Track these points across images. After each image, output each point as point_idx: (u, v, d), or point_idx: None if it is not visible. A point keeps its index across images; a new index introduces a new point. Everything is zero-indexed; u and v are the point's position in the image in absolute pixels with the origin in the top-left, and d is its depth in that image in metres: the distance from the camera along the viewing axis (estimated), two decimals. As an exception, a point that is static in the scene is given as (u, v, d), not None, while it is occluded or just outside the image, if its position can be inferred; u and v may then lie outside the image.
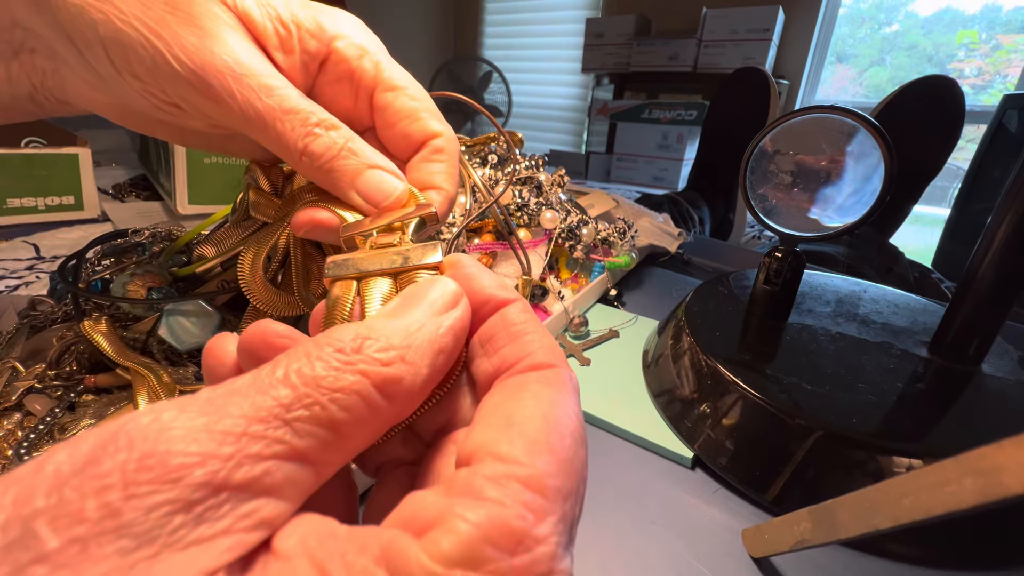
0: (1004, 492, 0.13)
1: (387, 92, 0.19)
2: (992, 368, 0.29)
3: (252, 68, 0.16)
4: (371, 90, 0.19)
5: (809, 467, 0.24)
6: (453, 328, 0.12)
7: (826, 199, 0.32)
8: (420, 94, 0.19)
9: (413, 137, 0.19)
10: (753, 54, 1.79)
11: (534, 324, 0.13)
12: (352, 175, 0.17)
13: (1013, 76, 1.70)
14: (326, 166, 0.17)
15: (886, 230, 0.92)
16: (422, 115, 0.19)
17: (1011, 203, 0.26)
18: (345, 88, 0.19)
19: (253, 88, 0.16)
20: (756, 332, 0.33)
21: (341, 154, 0.17)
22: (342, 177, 0.17)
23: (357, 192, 0.17)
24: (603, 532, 0.23)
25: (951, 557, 0.23)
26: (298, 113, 0.16)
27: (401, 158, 0.19)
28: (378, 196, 0.17)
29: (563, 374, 0.12)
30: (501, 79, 2.59)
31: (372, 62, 0.19)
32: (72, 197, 0.57)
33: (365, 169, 0.17)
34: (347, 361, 0.10)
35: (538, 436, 0.10)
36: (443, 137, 0.19)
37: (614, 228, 0.46)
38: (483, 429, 0.10)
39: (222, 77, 0.15)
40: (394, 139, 0.19)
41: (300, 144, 0.16)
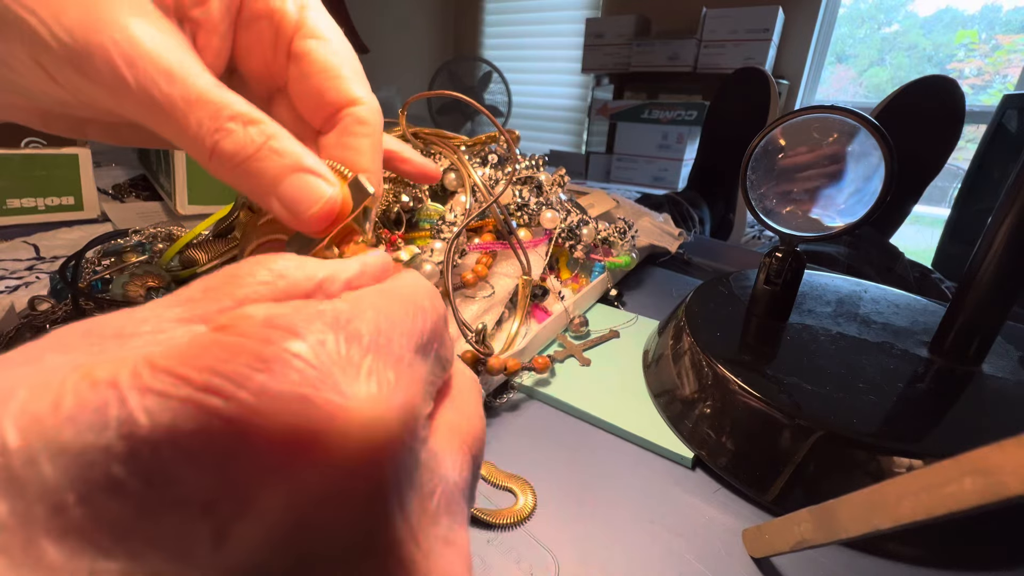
0: (1005, 492, 0.13)
1: (308, 39, 0.16)
2: (992, 368, 0.29)
3: (150, 48, 0.13)
4: (291, 36, 0.16)
5: (809, 467, 0.24)
6: None
7: (826, 199, 0.32)
8: (346, 51, 0.17)
9: (327, 97, 0.16)
10: (753, 54, 1.79)
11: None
12: (273, 179, 0.14)
13: (1013, 76, 1.70)
14: (240, 168, 0.14)
15: (886, 230, 0.92)
16: (343, 72, 0.16)
17: (1011, 203, 0.26)
18: (263, 31, 0.16)
19: (151, 73, 0.13)
20: (756, 332, 0.33)
21: (259, 154, 0.14)
22: (260, 182, 0.14)
23: (278, 200, 0.14)
24: (603, 532, 0.23)
25: (951, 557, 0.23)
26: (208, 104, 0.14)
27: (312, 123, 0.17)
28: (302, 205, 0.14)
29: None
30: (501, 79, 2.59)
31: (297, 4, 0.16)
32: (72, 197, 0.57)
33: (289, 173, 0.14)
34: None
35: None
36: (365, 106, 0.17)
37: (614, 228, 0.46)
38: None
39: (110, 58, 0.13)
40: (306, 96, 0.17)
41: (208, 142, 0.14)
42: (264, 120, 0.15)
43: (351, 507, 0.08)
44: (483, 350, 0.30)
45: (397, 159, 0.26)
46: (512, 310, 0.36)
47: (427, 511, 0.10)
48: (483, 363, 0.30)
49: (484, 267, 0.36)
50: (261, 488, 0.08)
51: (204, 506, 0.07)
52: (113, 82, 0.13)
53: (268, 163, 0.14)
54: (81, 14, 0.13)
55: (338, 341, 0.09)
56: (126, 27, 0.13)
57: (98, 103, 0.14)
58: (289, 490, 0.08)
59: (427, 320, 0.11)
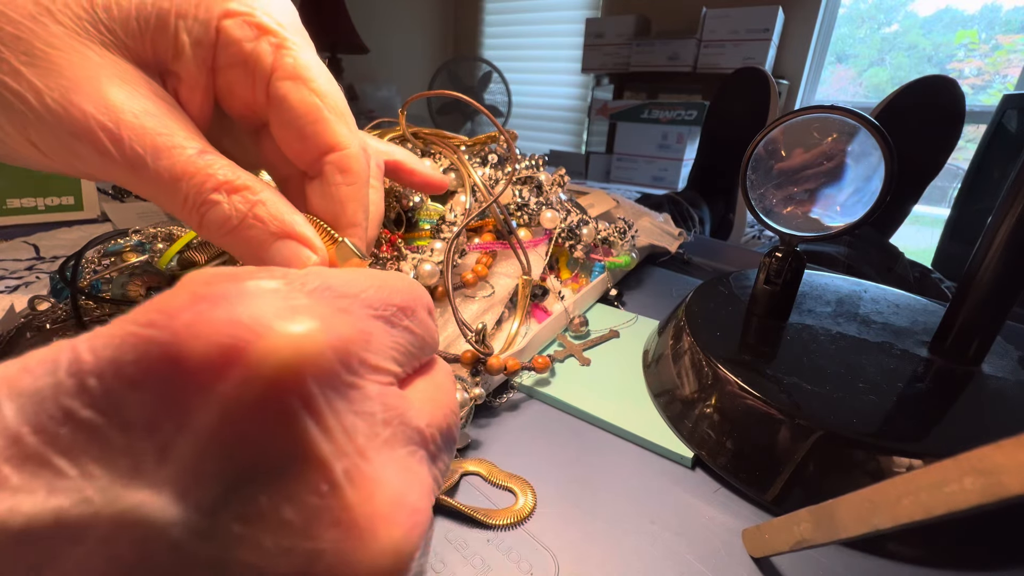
0: (1004, 492, 0.13)
1: (284, 81, 0.16)
2: (992, 368, 0.29)
3: (132, 121, 0.13)
4: (267, 79, 0.16)
5: (809, 467, 0.24)
6: None
7: (826, 199, 0.32)
8: (329, 89, 0.16)
9: (309, 142, 0.16)
10: (753, 54, 1.79)
11: None
12: (259, 246, 0.15)
13: (1013, 76, 1.70)
14: (228, 236, 0.15)
15: (886, 230, 0.92)
16: (323, 115, 0.16)
17: (1011, 203, 0.26)
18: (239, 76, 0.16)
19: (138, 149, 0.13)
20: (756, 332, 0.33)
21: (245, 223, 0.15)
22: (248, 249, 0.15)
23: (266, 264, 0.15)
24: (603, 531, 0.23)
25: (951, 557, 0.23)
26: (194, 176, 0.14)
27: (298, 165, 0.17)
28: None
29: None
30: (501, 79, 2.59)
31: (272, 44, 0.15)
32: (72, 197, 0.57)
33: (273, 240, 0.15)
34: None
35: None
36: (346, 152, 0.16)
37: (614, 228, 0.46)
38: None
39: (97, 139, 0.13)
40: (287, 140, 0.16)
41: (195, 216, 0.14)
42: (249, 185, 0.15)
43: (275, 418, 0.09)
44: (483, 350, 0.30)
45: (403, 170, 0.26)
46: (512, 310, 0.36)
47: (378, 435, 0.11)
48: (483, 363, 0.30)
49: (484, 267, 0.36)
50: (195, 405, 0.09)
51: (146, 425, 0.09)
52: (100, 158, 0.14)
53: (254, 232, 0.15)
54: (63, 90, 0.13)
55: (280, 285, 0.10)
56: (108, 101, 0.13)
57: (88, 174, 0.15)
58: (220, 405, 0.09)
59: (394, 295, 0.13)
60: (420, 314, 0.13)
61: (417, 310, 0.13)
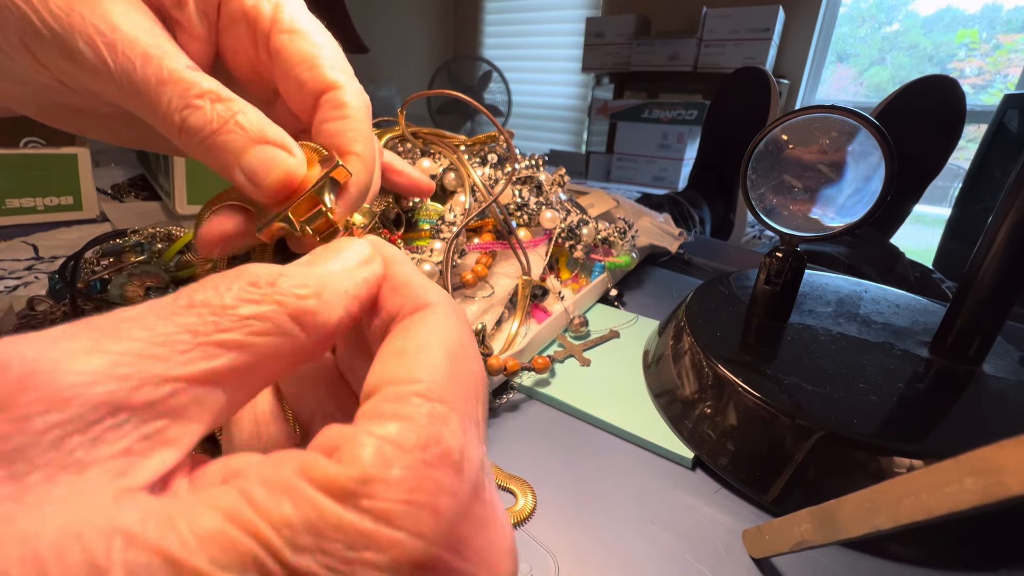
0: (1005, 492, 0.13)
1: (282, 34, 0.16)
2: (993, 368, 0.29)
3: (128, 32, 0.14)
4: (267, 34, 0.17)
5: (810, 468, 0.24)
6: (368, 279, 0.12)
7: (827, 199, 0.31)
8: (323, 40, 0.17)
9: (307, 87, 0.16)
10: (753, 54, 1.79)
11: (415, 274, 0.13)
12: (237, 152, 0.15)
13: (1014, 76, 1.70)
14: (206, 142, 0.15)
15: (887, 230, 0.92)
16: (320, 61, 0.16)
17: (1012, 203, 0.26)
18: (242, 33, 0.17)
19: (129, 56, 0.14)
20: (757, 332, 0.33)
21: (225, 128, 0.15)
22: (225, 155, 0.15)
23: (240, 171, 0.15)
24: (603, 532, 0.23)
25: (951, 558, 0.23)
26: (179, 83, 0.14)
27: (304, 118, 0.17)
28: (261, 174, 0.15)
29: (445, 306, 0.12)
30: (501, 79, 2.59)
31: (271, 3, 0.17)
32: (71, 197, 0.57)
33: (251, 146, 0.15)
34: (263, 293, 0.10)
35: (428, 356, 0.11)
36: (343, 88, 0.16)
37: (614, 228, 0.46)
38: (378, 367, 0.11)
39: (93, 42, 0.14)
40: (290, 91, 0.17)
41: (177, 118, 0.14)
42: (232, 99, 0.15)
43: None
44: (483, 350, 0.30)
45: (390, 170, 0.26)
46: (512, 310, 0.36)
47: None
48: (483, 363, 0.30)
49: (484, 267, 0.36)
50: None
51: None
52: (95, 65, 0.14)
53: (233, 136, 0.15)
54: (65, 1, 0.14)
55: None
56: (107, 13, 0.14)
57: (83, 85, 0.15)
58: None
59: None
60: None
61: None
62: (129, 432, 0.08)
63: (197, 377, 0.09)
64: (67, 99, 0.17)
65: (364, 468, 0.08)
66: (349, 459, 0.08)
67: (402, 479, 0.08)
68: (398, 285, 0.13)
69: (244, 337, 0.09)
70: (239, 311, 0.09)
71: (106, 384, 0.08)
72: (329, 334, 0.11)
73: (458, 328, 0.12)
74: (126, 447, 0.08)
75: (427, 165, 0.40)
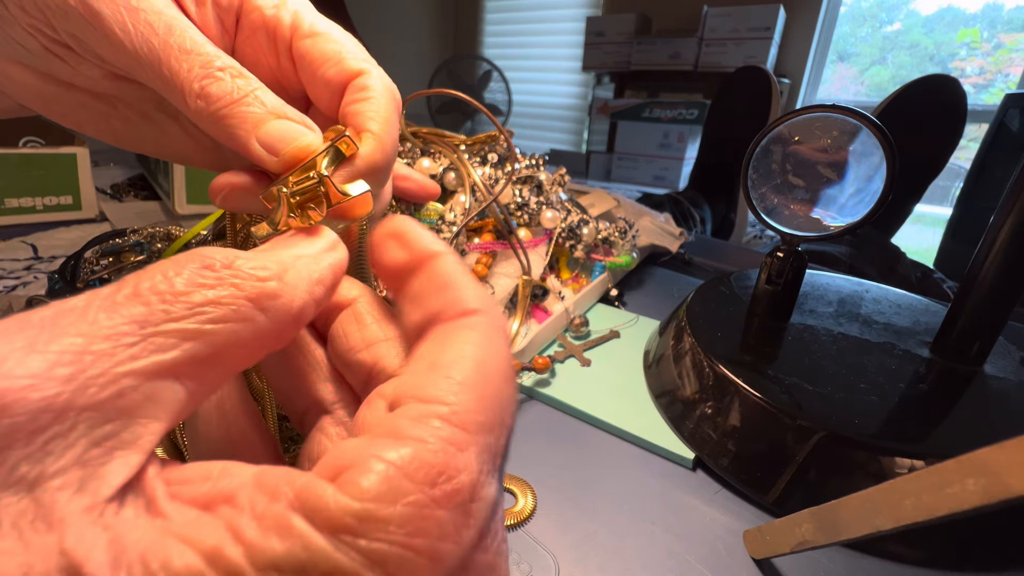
0: (1006, 493, 0.13)
1: (304, 40, 0.17)
2: (994, 369, 0.29)
3: (153, 3, 0.14)
4: (288, 42, 0.17)
5: (811, 468, 0.24)
6: (332, 265, 0.12)
7: (828, 199, 0.31)
8: (345, 38, 0.17)
9: (333, 83, 0.16)
10: (754, 53, 1.79)
11: (461, 274, 0.12)
12: (253, 123, 0.15)
13: (1015, 75, 1.69)
14: (223, 111, 0.15)
15: (888, 230, 0.92)
16: (343, 56, 0.16)
17: (1013, 202, 0.26)
18: (262, 43, 0.17)
19: (151, 23, 0.14)
20: (758, 332, 0.32)
21: (245, 100, 0.15)
22: (241, 124, 0.15)
23: (258, 140, 0.15)
24: (603, 532, 0.23)
25: (952, 558, 0.23)
26: (200, 55, 0.14)
27: (331, 117, 0.17)
28: (280, 143, 0.15)
29: (488, 318, 0.12)
30: (501, 78, 2.59)
31: (289, 12, 0.17)
32: (70, 197, 0.57)
33: (270, 118, 0.15)
34: (218, 276, 0.09)
35: (460, 375, 0.10)
36: (367, 74, 0.16)
37: (615, 228, 0.46)
38: (408, 376, 0.10)
39: (115, 7, 0.14)
40: (319, 94, 0.17)
41: (196, 85, 0.14)
42: (252, 77, 0.15)
43: None
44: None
45: (396, 177, 0.26)
46: (512, 310, 0.36)
47: None
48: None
49: (484, 267, 0.36)
50: None
51: None
52: (114, 29, 0.14)
53: (252, 108, 0.15)
54: None
55: None
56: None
57: (97, 52, 0.15)
58: None
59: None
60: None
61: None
62: (78, 440, 0.07)
63: (148, 372, 0.08)
64: (72, 79, 0.16)
65: (366, 501, 0.08)
66: (352, 488, 0.08)
67: (404, 519, 0.08)
68: (443, 284, 0.12)
69: (199, 325, 0.09)
70: (192, 298, 0.09)
71: (46, 388, 0.07)
72: (294, 318, 0.10)
73: (498, 344, 0.11)
74: (78, 456, 0.07)
75: (427, 165, 0.40)
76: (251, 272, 0.10)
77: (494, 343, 0.11)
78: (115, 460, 0.08)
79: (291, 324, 0.11)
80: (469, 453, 0.09)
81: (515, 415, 0.11)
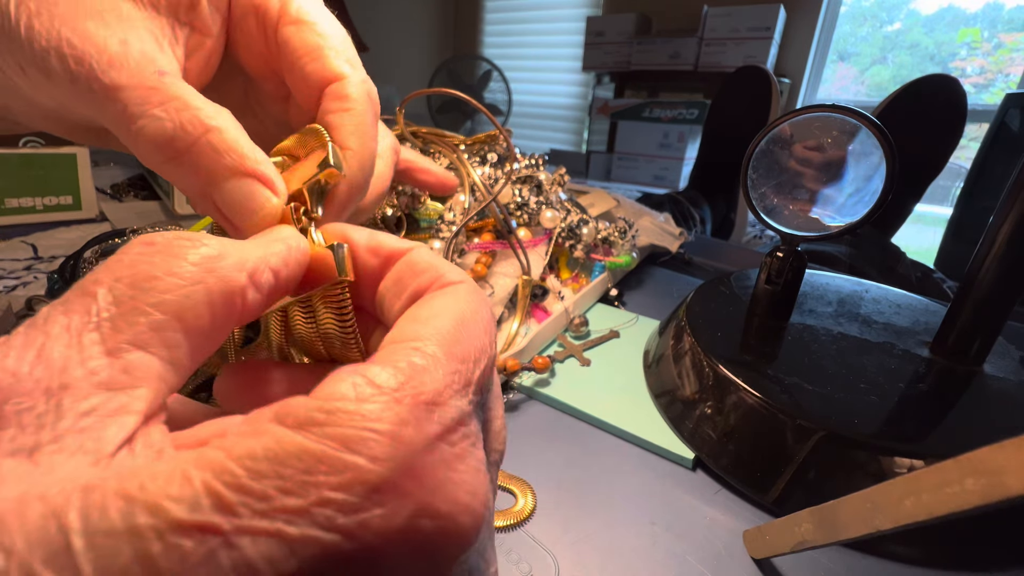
0: (1006, 493, 0.13)
1: (288, 25, 0.16)
2: (994, 368, 0.29)
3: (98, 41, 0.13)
4: (275, 25, 0.16)
5: (810, 468, 0.24)
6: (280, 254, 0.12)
7: (827, 199, 0.31)
8: (332, 31, 0.16)
9: (311, 79, 0.15)
10: (754, 53, 1.79)
11: (437, 258, 0.13)
12: (209, 178, 0.13)
13: (1015, 75, 1.69)
14: (171, 163, 0.13)
15: (888, 229, 0.92)
16: (324, 52, 0.15)
17: (1013, 202, 0.26)
18: (252, 27, 0.16)
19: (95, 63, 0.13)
20: (757, 332, 0.32)
21: (194, 147, 0.13)
22: (194, 179, 0.13)
23: (216, 203, 0.13)
24: (603, 532, 0.23)
25: (952, 558, 0.23)
26: (136, 89, 0.13)
27: (309, 112, 0.16)
28: (241, 215, 0.13)
29: (468, 286, 0.12)
30: (501, 78, 2.59)
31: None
32: (70, 197, 0.57)
33: (226, 177, 0.13)
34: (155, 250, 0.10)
35: (436, 321, 0.11)
36: (346, 80, 0.15)
37: (615, 227, 0.46)
38: (390, 333, 0.11)
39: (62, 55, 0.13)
40: (297, 85, 0.16)
41: (133, 127, 0.13)
42: (203, 108, 0.13)
43: None
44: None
45: (416, 169, 0.26)
46: (512, 310, 0.36)
47: None
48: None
49: (483, 267, 0.36)
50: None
51: None
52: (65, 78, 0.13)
53: (204, 160, 0.13)
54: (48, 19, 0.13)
55: None
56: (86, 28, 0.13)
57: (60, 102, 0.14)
58: None
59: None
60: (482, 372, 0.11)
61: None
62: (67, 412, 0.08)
63: (110, 350, 0.09)
64: (58, 114, 0.16)
65: (334, 400, 0.08)
66: (323, 393, 0.09)
67: (368, 411, 0.08)
68: (423, 268, 0.13)
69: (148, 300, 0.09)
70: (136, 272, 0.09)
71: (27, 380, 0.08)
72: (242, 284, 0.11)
73: (474, 303, 0.12)
74: (71, 426, 0.08)
75: (427, 164, 0.40)
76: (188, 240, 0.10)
77: (471, 300, 0.12)
78: (109, 426, 0.08)
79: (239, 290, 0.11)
80: (437, 371, 0.10)
81: (491, 363, 0.12)
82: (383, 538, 0.08)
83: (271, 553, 0.07)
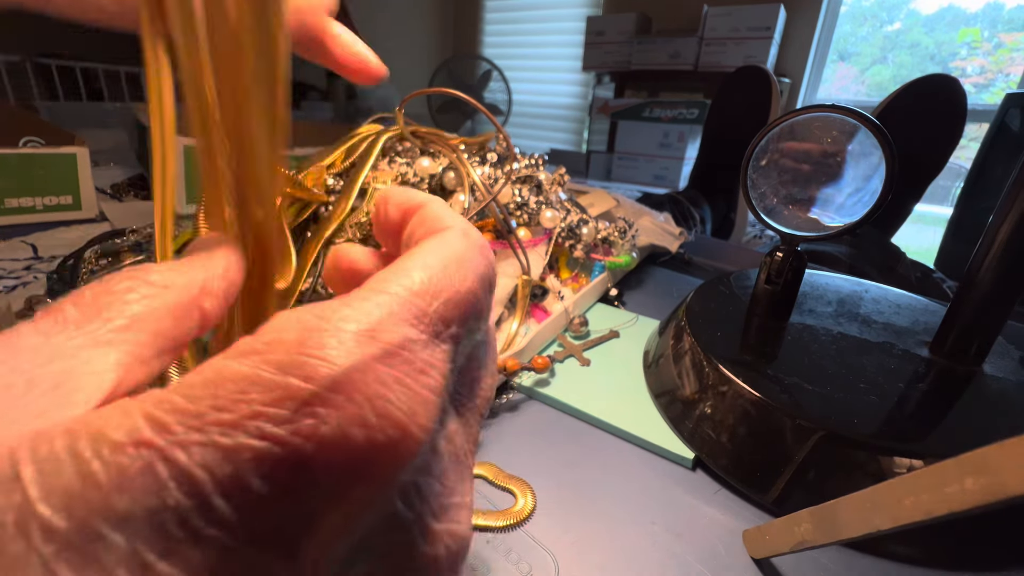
0: (1006, 493, 0.13)
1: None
2: (993, 368, 0.29)
3: None
4: None
5: (810, 468, 0.24)
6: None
7: (827, 198, 0.31)
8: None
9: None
10: (754, 52, 1.79)
11: (445, 209, 0.13)
12: None
13: (1015, 75, 1.69)
14: None
15: (888, 229, 0.92)
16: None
17: (1013, 202, 0.26)
18: None
19: None
20: (757, 332, 0.32)
21: None
22: None
23: None
24: (603, 532, 0.23)
25: (951, 558, 0.23)
26: None
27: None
28: None
29: (456, 230, 0.12)
30: (501, 78, 2.59)
31: None
32: (70, 197, 0.57)
33: None
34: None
35: (408, 262, 0.11)
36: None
37: (615, 227, 0.46)
38: None
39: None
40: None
41: None
42: None
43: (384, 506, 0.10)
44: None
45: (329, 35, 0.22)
46: (512, 310, 0.36)
47: None
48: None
49: (483, 266, 0.36)
50: (326, 509, 0.08)
51: (276, 532, 0.08)
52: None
53: None
54: None
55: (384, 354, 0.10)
56: None
57: None
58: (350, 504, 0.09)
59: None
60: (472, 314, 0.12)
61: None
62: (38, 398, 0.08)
63: None
64: None
65: (275, 332, 0.09)
66: (269, 326, 0.09)
67: (302, 338, 0.09)
68: (427, 220, 0.13)
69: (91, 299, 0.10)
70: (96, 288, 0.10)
71: None
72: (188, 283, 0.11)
73: (459, 247, 0.12)
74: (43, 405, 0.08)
75: (426, 164, 0.40)
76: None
77: (456, 247, 0.12)
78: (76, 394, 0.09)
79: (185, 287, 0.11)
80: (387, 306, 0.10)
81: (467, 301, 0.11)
82: (314, 443, 0.08)
83: (205, 461, 0.07)
